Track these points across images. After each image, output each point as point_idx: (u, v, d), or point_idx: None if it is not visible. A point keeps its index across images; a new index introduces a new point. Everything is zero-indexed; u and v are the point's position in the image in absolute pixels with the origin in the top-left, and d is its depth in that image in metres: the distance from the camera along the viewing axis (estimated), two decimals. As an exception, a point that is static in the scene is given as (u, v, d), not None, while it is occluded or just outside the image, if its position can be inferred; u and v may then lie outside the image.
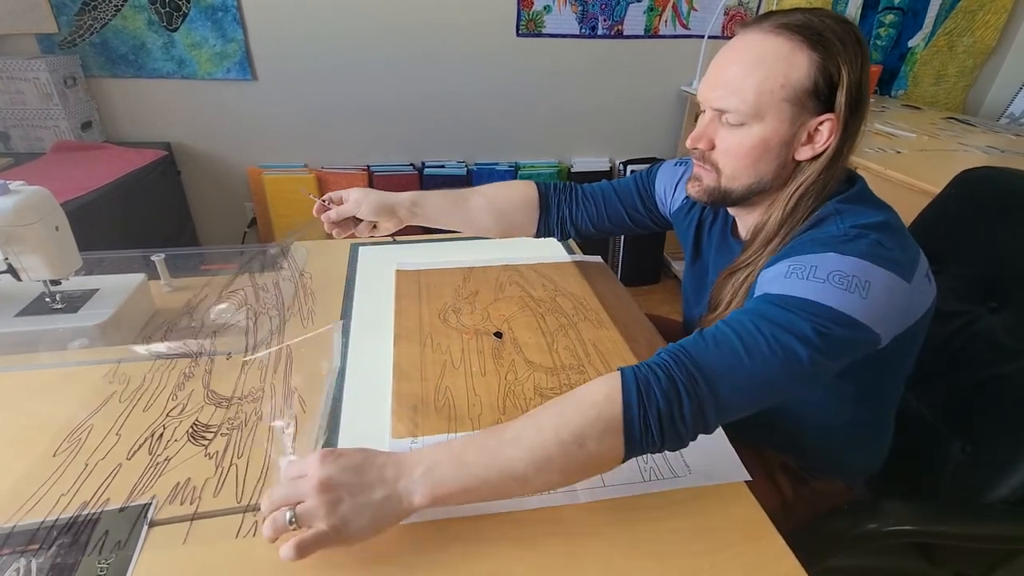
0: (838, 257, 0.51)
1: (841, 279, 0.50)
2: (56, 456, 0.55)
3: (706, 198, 0.64)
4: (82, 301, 0.76)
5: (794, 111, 0.56)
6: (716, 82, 0.59)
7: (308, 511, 0.43)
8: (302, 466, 0.46)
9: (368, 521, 0.44)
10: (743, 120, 0.57)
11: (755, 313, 0.51)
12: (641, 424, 0.46)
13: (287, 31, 1.83)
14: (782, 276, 0.52)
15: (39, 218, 0.68)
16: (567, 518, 0.51)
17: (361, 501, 0.44)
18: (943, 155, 1.46)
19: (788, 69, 0.54)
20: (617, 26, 2.04)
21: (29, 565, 0.44)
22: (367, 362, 0.72)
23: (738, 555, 0.48)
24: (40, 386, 0.66)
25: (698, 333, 0.52)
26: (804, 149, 0.58)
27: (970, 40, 2.18)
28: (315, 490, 0.43)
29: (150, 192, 1.71)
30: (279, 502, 0.45)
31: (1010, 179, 0.77)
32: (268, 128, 1.97)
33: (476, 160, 2.16)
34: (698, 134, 0.62)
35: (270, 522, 0.44)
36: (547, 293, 0.89)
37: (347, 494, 0.44)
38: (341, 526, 0.43)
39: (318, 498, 0.43)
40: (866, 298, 0.49)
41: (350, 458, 0.46)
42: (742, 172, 0.60)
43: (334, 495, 0.43)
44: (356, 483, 0.45)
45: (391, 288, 0.90)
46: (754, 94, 0.56)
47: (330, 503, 0.43)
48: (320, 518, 0.43)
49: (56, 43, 1.73)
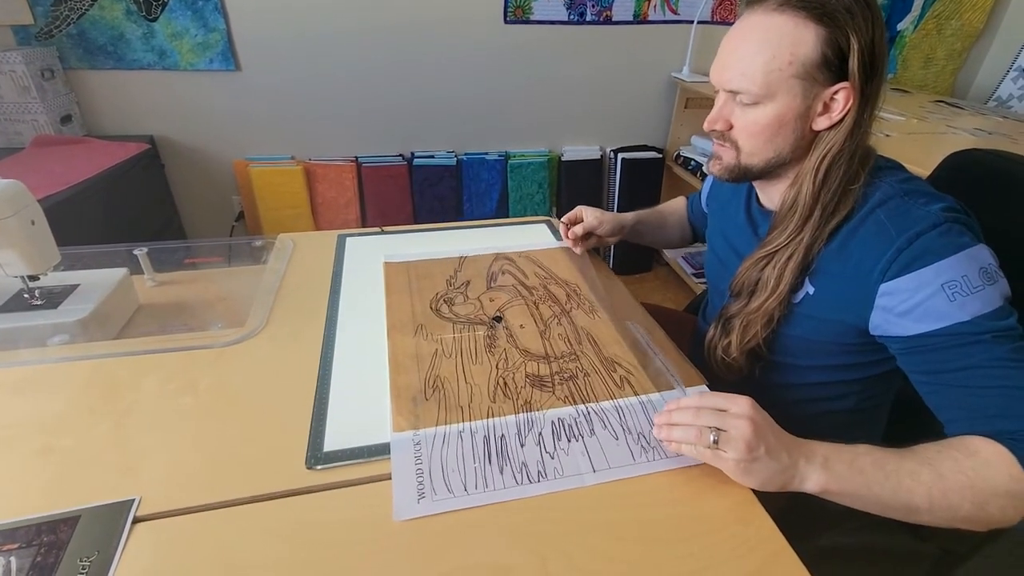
0: (971, 254, 0.53)
1: (984, 273, 0.53)
2: (36, 454, 0.54)
3: (727, 176, 0.65)
4: (62, 297, 0.75)
5: (805, 85, 0.56)
6: (725, 64, 0.59)
7: (732, 440, 0.49)
8: (726, 402, 0.51)
9: (765, 476, 0.49)
10: (755, 100, 0.57)
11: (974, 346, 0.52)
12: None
13: (270, 20, 1.80)
14: (948, 302, 0.52)
15: (14, 212, 0.66)
16: (556, 505, 0.50)
17: (772, 456, 0.49)
18: (932, 138, 1.47)
19: (794, 46, 0.54)
20: (606, 12, 2.02)
21: (9, 564, 0.43)
22: (357, 356, 0.71)
23: (729, 538, 0.48)
24: (20, 383, 0.65)
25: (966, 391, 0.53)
26: (821, 119, 0.58)
27: (958, 23, 2.18)
28: (747, 428, 0.49)
29: (134, 186, 1.68)
30: (706, 422, 0.50)
31: (998, 161, 0.77)
32: (253, 120, 1.94)
33: (465, 150, 2.14)
34: (714, 117, 0.62)
35: (690, 431, 0.51)
36: (539, 281, 0.89)
37: (765, 446, 0.49)
38: (747, 466, 0.49)
39: (747, 436, 0.48)
40: (999, 276, 0.54)
41: (769, 419, 0.51)
42: (760, 148, 0.60)
43: (758, 440, 0.48)
44: (774, 441, 0.49)
45: (379, 280, 0.89)
46: (763, 74, 0.55)
47: (751, 445, 0.48)
48: (738, 450, 0.48)
49: (32, 35, 1.68)
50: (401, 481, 0.52)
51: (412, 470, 0.53)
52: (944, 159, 0.82)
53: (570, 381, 0.66)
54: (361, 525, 0.48)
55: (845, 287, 0.59)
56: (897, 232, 0.55)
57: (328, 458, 0.54)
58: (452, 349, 0.71)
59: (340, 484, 0.52)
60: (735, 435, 0.49)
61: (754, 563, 0.46)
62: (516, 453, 0.55)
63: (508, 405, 0.62)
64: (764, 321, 0.64)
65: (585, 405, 0.62)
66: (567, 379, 0.66)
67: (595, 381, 0.66)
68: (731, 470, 0.49)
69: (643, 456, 0.56)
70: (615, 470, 0.54)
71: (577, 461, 0.55)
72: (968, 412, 0.52)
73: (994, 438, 0.50)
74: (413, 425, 0.58)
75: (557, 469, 0.54)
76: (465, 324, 0.77)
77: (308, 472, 0.53)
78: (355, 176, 2.03)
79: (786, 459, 0.49)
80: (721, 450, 0.49)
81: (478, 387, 0.65)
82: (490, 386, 0.65)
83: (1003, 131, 1.56)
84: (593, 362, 0.69)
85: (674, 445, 0.53)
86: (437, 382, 0.65)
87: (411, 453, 0.55)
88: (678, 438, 0.52)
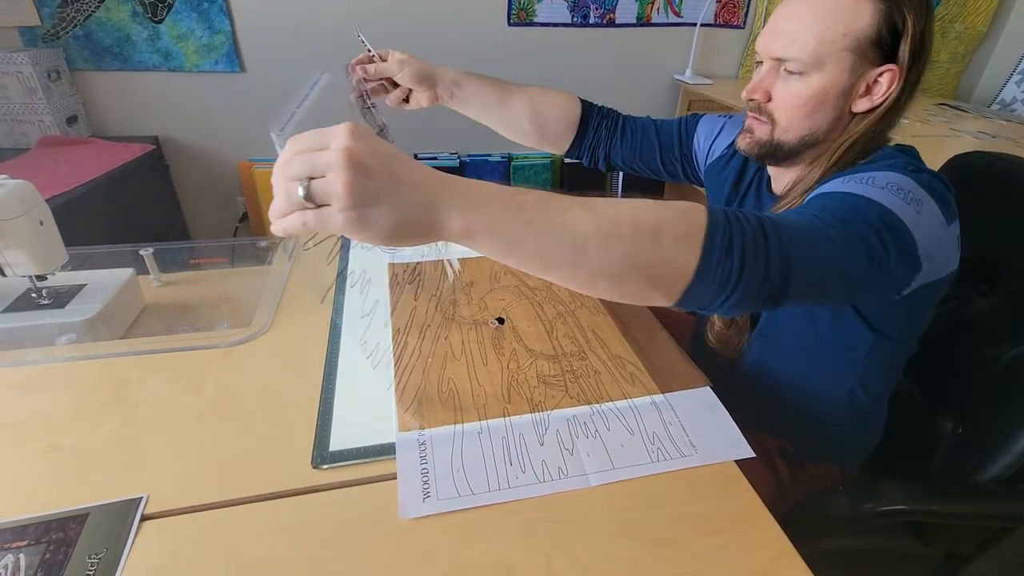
0: (894, 173, 0.51)
1: (898, 190, 0.49)
2: (45, 452, 0.55)
3: (757, 151, 0.63)
4: (69, 296, 0.75)
5: (855, 61, 0.55)
6: (777, 32, 0.58)
7: (327, 189, 0.35)
8: (323, 137, 0.37)
9: (390, 223, 0.36)
10: (803, 69, 0.56)
11: (818, 206, 0.49)
12: (723, 243, 0.40)
13: (275, 21, 1.81)
14: (840, 184, 0.51)
15: (23, 212, 0.67)
16: (561, 506, 0.51)
17: (391, 195, 0.36)
18: (935, 141, 1.47)
19: (851, 18, 0.54)
20: (609, 14, 2.03)
21: (18, 561, 0.43)
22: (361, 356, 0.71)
23: (733, 538, 0.48)
24: (28, 382, 0.65)
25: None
26: (862, 101, 0.57)
27: (962, 26, 2.18)
28: (341, 165, 0.34)
29: (138, 187, 1.69)
30: (293, 174, 0.36)
31: (1000, 164, 0.77)
32: (258, 121, 1.94)
33: (469, 151, 2.15)
34: (754, 85, 0.61)
35: (280, 196, 0.36)
36: (542, 282, 0.89)
37: (376, 182, 0.35)
38: (358, 215, 0.35)
39: (344, 174, 0.34)
40: (920, 213, 0.49)
41: (383, 144, 0.37)
42: (797, 123, 0.59)
43: (363, 179, 0.35)
44: (389, 174, 0.36)
45: (384, 282, 0.89)
46: (815, 42, 0.55)
47: (354, 186, 0.34)
48: (339, 198, 0.35)
49: (39, 36, 1.69)
50: (406, 480, 0.52)
51: (417, 469, 0.53)
52: (946, 162, 0.83)
53: (581, 380, 0.66)
54: (366, 524, 0.48)
55: None
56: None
57: (333, 457, 0.55)
58: (461, 350, 0.72)
59: (345, 483, 0.52)
60: (331, 178, 0.35)
61: (758, 564, 0.46)
62: (529, 453, 0.56)
63: (522, 405, 0.62)
64: None
65: (599, 404, 0.62)
66: (578, 378, 0.66)
67: (605, 379, 0.66)
68: (341, 227, 0.36)
69: (651, 456, 0.56)
70: (620, 470, 0.54)
71: (582, 461, 0.55)
72: None
73: None
74: (419, 425, 0.59)
75: (562, 469, 0.54)
76: (471, 325, 0.77)
77: (314, 471, 0.53)
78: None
79: (412, 194, 0.36)
80: (320, 205, 0.35)
81: (490, 388, 0.65)
82: (502, 386, 0.65)
83: (1006, 134, 1.56)
84: (603, 359, 0.70)
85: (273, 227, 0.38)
86: (451, 384, 0.65)
87: (416, 453, 0.55)
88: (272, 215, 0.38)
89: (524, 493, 0.51)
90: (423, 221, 0.37)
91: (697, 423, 0.58)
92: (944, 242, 0.53)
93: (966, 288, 0.75)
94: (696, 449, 0.56)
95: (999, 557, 0.66)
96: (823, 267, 0.45)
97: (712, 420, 0.60)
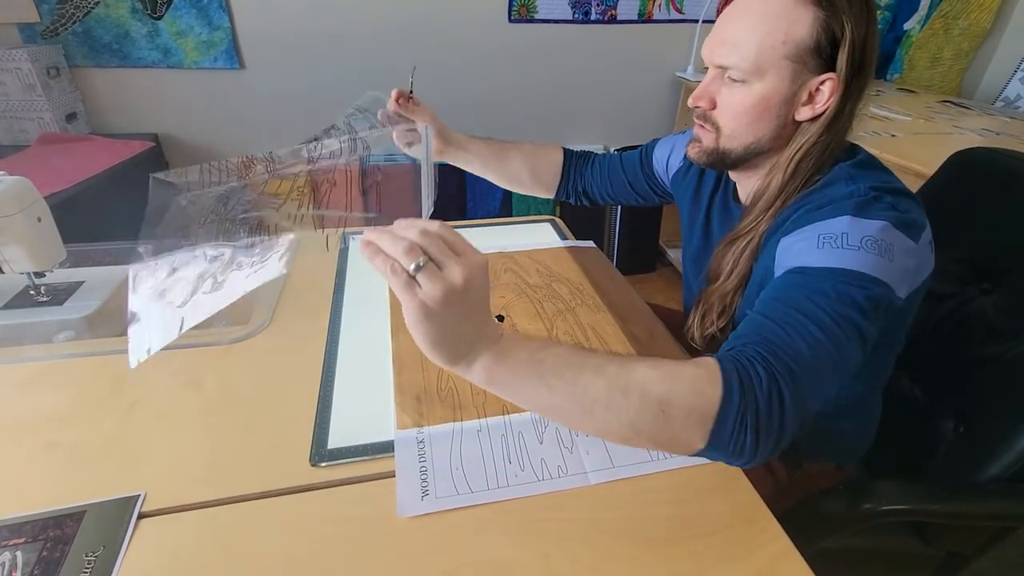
0: (865, 222, 0.50)
1: (873, 244, 0.49)
2: (42, 449, 0.55)
3: (705, 159, 0.64)
4: (67, 293, 0.75)
5: (795, 69, 0.55)
6: (719, 39, 0.58)
7: (435, 277, 0.38)
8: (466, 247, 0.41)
9: (440, 334, 0.40)
10: (745, 77, 0.56)
11: (809, 290, 0.48)
12: (737, 422, 0.41)
13: (274, 18, 1.80)
14: (814, 247, 0.51)
15: (20, 209, 0.67)
16: (562, 505, 0.50)
17: (462, 318, 0.40)
18: (938, 138, 1.46)
19: (790, 26, 0.54)
20: (610, 11, 2.01)
21: (16, 558, 0.43)
22: (361, 355, 0.71)
23: (733, 537, 0.48)
24: (26, 379, 0.65)
25: (763, 318, 0.47)
26: (804, 109, 0.57)
27: (966, 23, 2.17)
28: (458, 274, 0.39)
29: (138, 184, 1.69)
30: (425, 246, 0.39)
31: (1003, 159, 0.76)
32: (258, 118, 1.94)
33: (469, 149, 2.14)
34: (699, 92, 0.61)
35: (401, 248, 0.39)
36: (542, 280, 0.89)
37: (466, 304, 0.39)
38: (430, 312, 0.39)
39: (455, 280, 0.38)
40: (892, 261, 0.49)
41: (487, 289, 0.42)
42: (742, 131, 0.59)
43: (462, 293, 0.39)
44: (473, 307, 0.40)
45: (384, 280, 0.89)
46: (756, 50, 0.55)
47: (451, 292, 0.38)
48: (434, 289, 0.38)
49: (38, 32, 1.69)
50: (405, 478, 0.52)
51: (416, 467, 0.53)
52: (948, 158, 0.82)
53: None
54: (365, 522, 0.48)
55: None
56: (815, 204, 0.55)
57: (332, 455, 0.54)
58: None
59: (344, 481, 0.52)
60: (445, 273, 0.39)
61: (759, 563, 0.46)
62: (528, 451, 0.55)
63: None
64: (720, 309, 0.64)
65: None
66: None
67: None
68: (411, 310, 0.39)
69: (651, 455, 0.55)
70: (620, 469, 0.54)
71: (582, 459, 0.55)
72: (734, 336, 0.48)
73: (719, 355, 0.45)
74: (417, 423, 0.58)
75: (561, 467, 0.54)
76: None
77: (312, 469, 0.53)
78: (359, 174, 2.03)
79: (471, 330, 0.41)
80: (417, 281, 0.39)
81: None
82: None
83: (1010, 131, 1.55)
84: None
85: (365, 248, 0.41)
86: (450, 382, 0.65)
87: (415, 450, 0.55)
88: (377, 242, 0.40)
89: (523, 491, 0.51)
90: (460, 354, 0.41)
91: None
92: (916, 262, 0.53)
93: (968, 286, 0.74)
94: (696, 448, 0.56)
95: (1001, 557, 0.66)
96: (830, 381, 0.46)
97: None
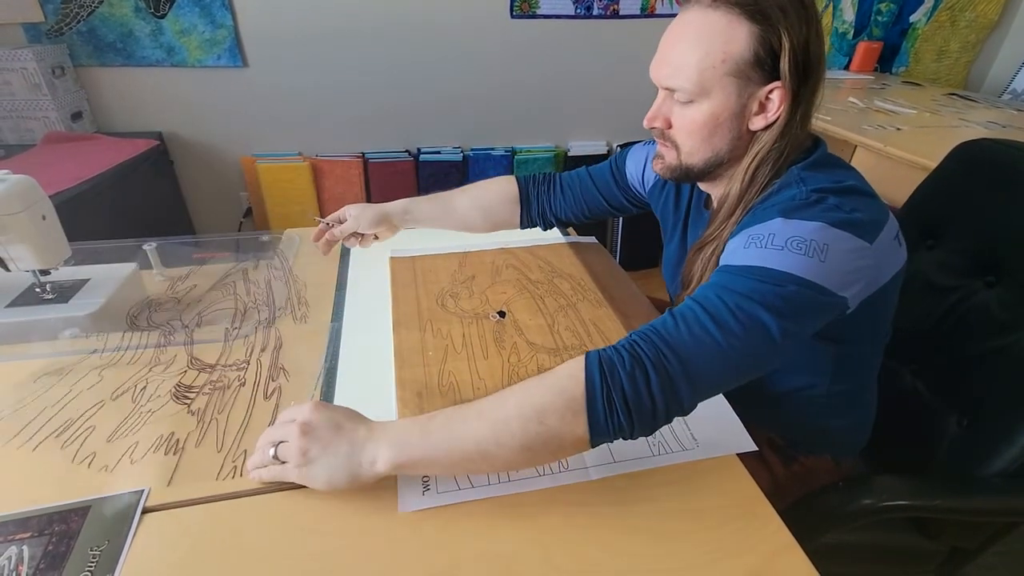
0: (796, 223, 0.51)
1: (799, 244, 0.49)
2: (48, 445, 0.55)
3: (670, 175, 0.65)
4: (73, 291, 0.76)
5: (739, 84, 0.55)
6: (662, 61, 0.59)
7: (286, 450, 0.48)
8: (295, 411, 0.51)
9: (328, 474, 0.48)
10: (691, 97, 0.57)
11: (718, 286, 0.50)
12: (605, 404, 0.46)
13: (277, 16, 1.80)
14: (741, 248, 0.52)
15: (25, 207, 0.67)
16: (566, 499, 0.51)
17: (329, 453, 0.48)
18: (944, 131, 1.44)
19: (727, 44, 0.54)
20: (613, 6, 2.00)
21: (21, 553, 0.44)
22: (363, 350, 0.71)
23: (735, 531, 0.48)
24: (31, 376, 0.66)
25: (668, 313, 0.51)
26: (757, 119, 0.57)
27: (972, 15, 2.14)
28: (296, 433, 0.48)
29: (143, 183, 1.69)
30: (269, 439, 0.50)
31: (1007, 151, 0.75)
32: (261, 116, 1.95)
33: (472, 145, 2.14)
34: (653, 114, 0.62)
35: (258, 454, 0.50)
36: (544, 275, 0.89)
37: (320, 444, 0.48)
38: (306, 471, 0.48)
39: (297, 441, 0.48)
40: (824, 261, 0.49)
41: (336, 414, 0.50)
42: (698, 147, 0.60)
43: (309, 440, 0.48)
44: (330, 437, 0.48)
45: (386, 276, 0.89)
46: (697, 72, 0.55)
47: (301, 448, 0.47)
48: (291, 456, 0.48)
49: (43, 32, 1.69)
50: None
51: (417, 463, 0.53)
52: (952, 150, 0.81)
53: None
54: (367, 516, 0.48)
55: None
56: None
57: (334, 451, 0.55)
58: (461, 344, 0.71)
59: (346, 476, 0.52)
60: (290, 443, 0.48)
61: (760, 558, 0.46)
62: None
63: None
64: None
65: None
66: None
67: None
68: (296, 478, 0.48)
69: (652, 449, 0.55)
70: (620, 463, 0.54)
71: (583, 454, 0.55)
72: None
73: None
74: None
75: (562, 462, 0.54)
76: (471, 319, 0.77)
77: (314, 464, 0.53)
78: (361, 172, 2.03)
79: (346, 449, 0.48)
80: (282, 461, 0.49)
81: (490, 381, 0.65)
82: (503, 379, 0.65)
83: (1017, 124, 1.54)
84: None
85: (251, 475, 0.51)
86: (451, 377, 0.65)
87: (416, 446, 0.55)
88: (249, 466, 0.51)
89: (524, 486, 0.51)
90: (357, 469, 0.47)
91: (699, 416, 0.57)
92: (872, 261, 0.53)
93: (971, 279, 0.74)
94: (697, 443, 0.56)
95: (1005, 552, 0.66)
96: (723, 372, 0.49)
97: (714, 413, 0.59)
